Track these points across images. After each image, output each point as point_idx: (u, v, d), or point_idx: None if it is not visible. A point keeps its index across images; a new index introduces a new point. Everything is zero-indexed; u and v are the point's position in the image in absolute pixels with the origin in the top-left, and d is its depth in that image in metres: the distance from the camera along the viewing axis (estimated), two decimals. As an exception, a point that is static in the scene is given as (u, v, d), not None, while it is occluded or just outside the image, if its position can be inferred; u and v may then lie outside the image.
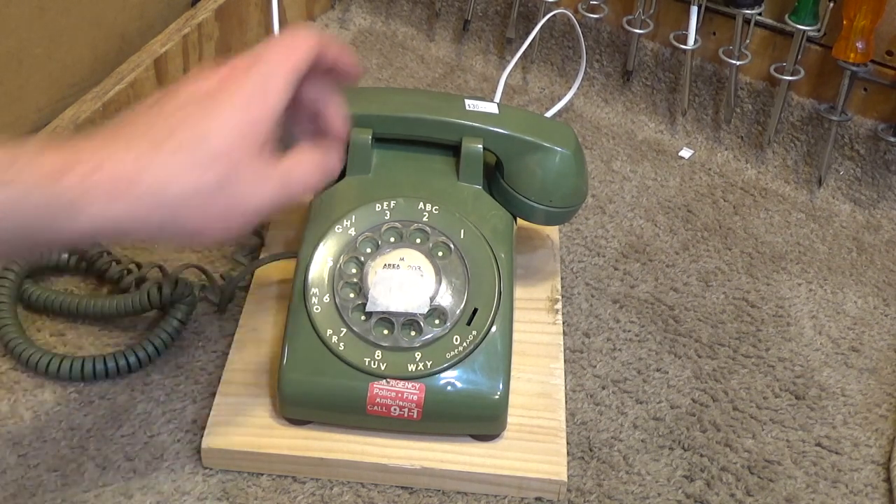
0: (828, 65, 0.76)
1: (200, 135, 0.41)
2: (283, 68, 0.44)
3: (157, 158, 0.40)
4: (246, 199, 0.42)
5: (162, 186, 0.40)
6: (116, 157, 0.40)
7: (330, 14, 0.97)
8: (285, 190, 0.44)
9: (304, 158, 0.46)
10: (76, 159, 0.39)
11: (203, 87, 0.43)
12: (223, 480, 0.53)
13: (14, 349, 0.58)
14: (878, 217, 0.76)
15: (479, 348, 0.53)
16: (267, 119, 0.43)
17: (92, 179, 0.39)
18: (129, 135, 0.41)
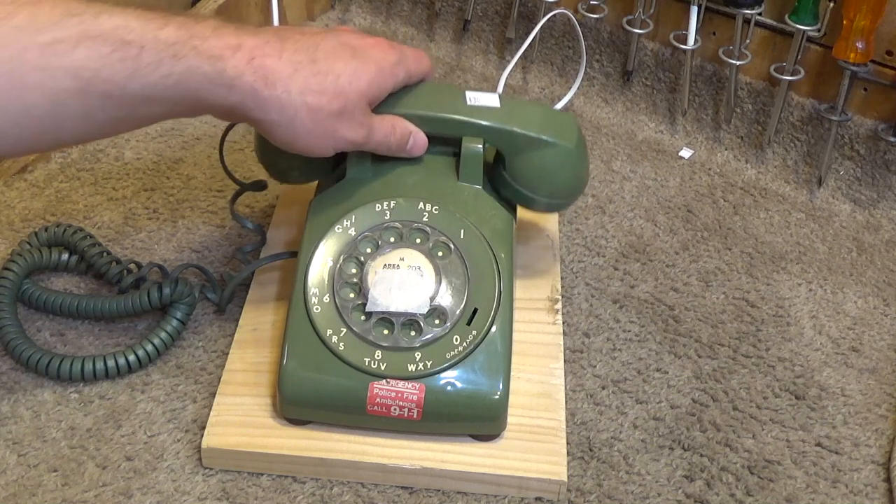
0: (828, 65, 0.76)
1: (341, 72, 0.51)
2: (410, 66, 0.56)
3: (306, 71, 0.50)
4: (342, 132, 0.52)
5: (300, 93, 0.49)
6: (275, 56, 0.49)
7: (330, 14, 0.98)
8: (368, 140, 0.54)
9: (386, 122, 0.55)
10: (240, 45, 0.48)
11: (356, 41, 0.53)
12: (223, 480, 0.53)
13: (14, 349, 0.58)
14: (878, 217, 0.76)
15: (479, 348, 0.53)
16: (386, 88, 0.54)
17: (251, 65, 0.48)
18: (289, 45, 0.50)
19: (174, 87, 0.47)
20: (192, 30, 0.48)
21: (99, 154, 0.76)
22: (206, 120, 0.81)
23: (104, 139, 0.77)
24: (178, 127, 0.80)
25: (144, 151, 0.77)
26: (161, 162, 0.76)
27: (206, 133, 0.80)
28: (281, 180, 0.62)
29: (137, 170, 0.75)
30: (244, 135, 0.80)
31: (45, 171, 0.74)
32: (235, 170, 0.74)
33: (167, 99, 0.48)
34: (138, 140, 0.78)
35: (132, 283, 0.61)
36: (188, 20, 0.48)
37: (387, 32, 0.95)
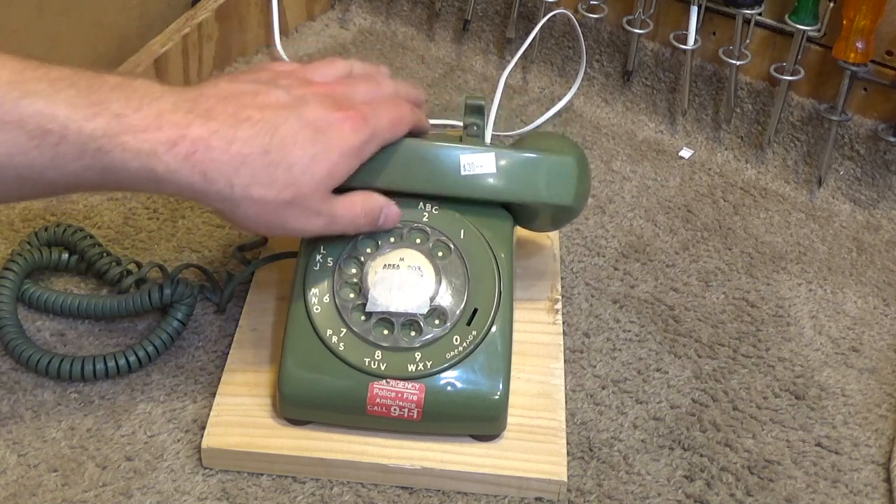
0: (828, 65, 0.76)
1: (296, 161, 0.47)
2: (385, 137, 0.52)
3: (255, 163, 0.46)
4: (294, 222, 0.49)
5: (244, 186, 0.46)
6: (221, 148, 0.45)
7: (330, 14, 0.98)
8: (329, 227, 0.51)
9: (352, 204, 0.52)
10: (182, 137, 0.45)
11: (325, 115, 0.49)
12: (223, 480, 0.53)
13: (14, 349, 0.58)
14: (878, 217, 0.76)
15: (479, 348, 0.53)
16: (348, 173, 0.50)
17: (190, 160, 0.45)
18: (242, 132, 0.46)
19: (97, 178, 0.45)
20: (127, 121, 0.44)
21: (99, 154, 0.76)
22: (206, 120, 0.81)
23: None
24: (178, 127, 0.80)
25: (144, 151, 0.77)
26: (161, 162, 0.76)
27: (206, 133, 0.80)
28: None
29: (137, 170, 0.75)
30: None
31: (45, 171, 0.73)
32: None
33: (91, 185, 0.46)
34: (138, 140, 0.78)
35: (132, 283, 0.61)
36: (130, 104, 0.45)
37: (387, 32, 0.95)
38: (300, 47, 0.92)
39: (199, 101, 0.47)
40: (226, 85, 0.49)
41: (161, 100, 0.45)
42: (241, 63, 0.89)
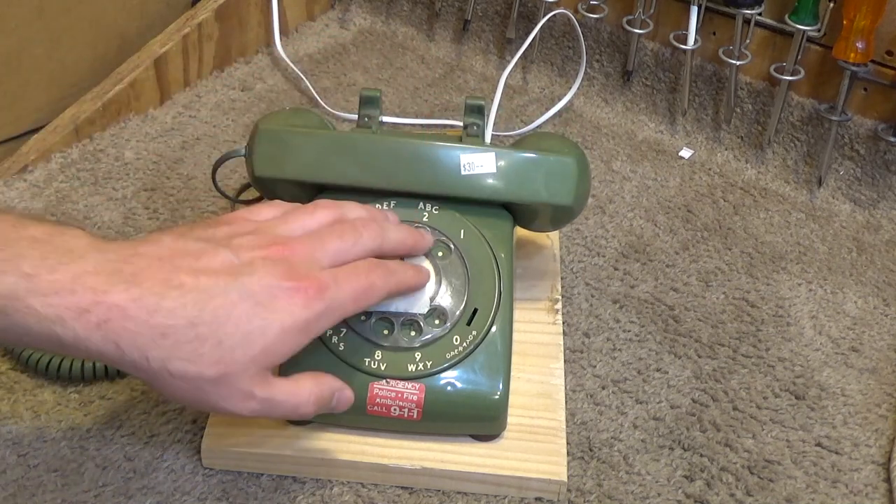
0: (828, 65, 0.76)
1: (226, 337, 0.42)
2: (346, 309, 0.46)
3: (177, 336, 0.41)
4: (221, 402, 0.44)
5: (162, 360, 0.42)
6: (140, 318, 0.41)
7: (330, 14, 0.98)
8: (264, 412, 0.45)
9: (300, 389, 0.46)
10: (96, 303, 0.40)
11: (263, 288, 0.44)
12: (223, 480, 0.53)
13: (14, 349, 0.58)
14: (878, 217, 0.76)
15: (479, 348, 0.53)
16: (292, 350, 0.45)
17: (102, 329, 0.40)
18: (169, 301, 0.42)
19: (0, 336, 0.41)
20: (36, 282, 0.40)
21: (99, 154, 0.76)
22: (207, 120, 0.81)
23: (104, 140, 0.77)
24: (177, 127, 0.80)
25: (144, 151, 0.77)
26: (161, 162, 0.76)
27: (206, 133, 0.80)
28: None
29: (137, 170, 0.75)
30: (244, 135, 0.80)
31: (45, 171, 0.74)
32: (236, 170, 0.74)
33: None
34: (138, 140, 0.78)
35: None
36: (46, 262, 0.41)
37: (387, 32, 0.95)
38: (300, 47, 0.92)
39: (130, 261, 0.42)
40: (170, 241, 0.44)
41: (84, 259, 0.41)
42: (241, 63, 0.89)
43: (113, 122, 0.79)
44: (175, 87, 0.84)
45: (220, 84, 0.86)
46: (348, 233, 0.48)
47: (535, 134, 0.81)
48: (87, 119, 0.77)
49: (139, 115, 0.81)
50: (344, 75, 0.89)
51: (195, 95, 0.84)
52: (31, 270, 0.40)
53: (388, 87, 0.88)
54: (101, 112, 0.78)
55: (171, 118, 0.81)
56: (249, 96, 0.85)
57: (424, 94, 0.87)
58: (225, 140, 0.80)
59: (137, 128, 0.80)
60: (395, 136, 0.59)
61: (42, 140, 0.75)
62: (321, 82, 0.88)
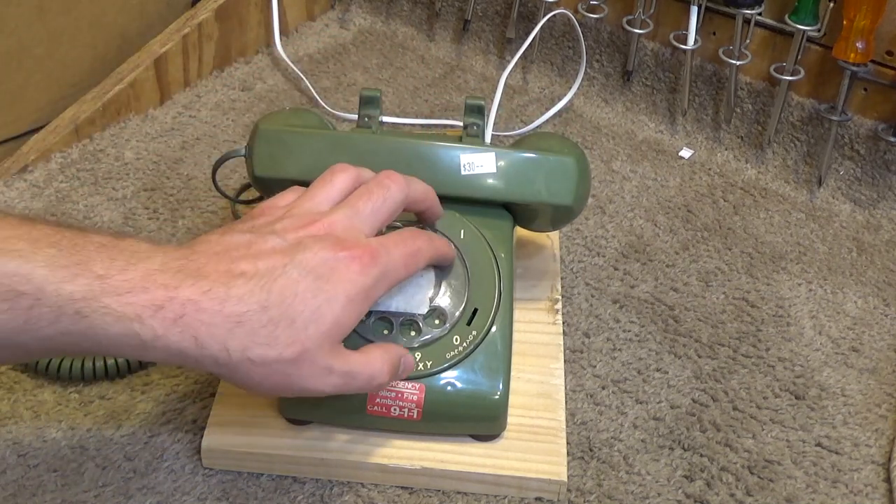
0: (828, 65, 0.76)
1: (297, 315, 0.43)
2: (399, 274, 0.48)
3: (252, 323, 0.42)
4: (304, 382, 0.44)
5: (241, 349, 0.42)
6: (213, 310, 0.41)
7: (330, 14, 0.98)
8: (344, 386, 0.46)
9: (372, 359, 0.47)
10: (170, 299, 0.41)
11: (320, 262, 0.44)
12: (223, 480, 0.53)
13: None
14: (878, 217, 0.76)
15: (479, 348, 0.53)
16: (357, 319, 0.46)
17: (179, 324, 0.41)
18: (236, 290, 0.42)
19: (76, 343, 0.41)
20: (110, 282, 0.40)
21: (99, 154, 0.76)
22: (207, 120, 0.81)
23: (104, 140, 0.78)
24: (177, 127, 0.80)
25: (144, 151, 0.77)
26: (161, 162, 0.76)
27: (206, 133, 0.80)
28: None
29: (137, 170, 0.75)
30: (244, 135, 0.80)
31: (45, 171, 0.74)
32: (236, 170, 0.74)
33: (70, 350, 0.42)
34: (138, 140, 0.78)
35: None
36: (115, 264, 0.41)
37: (387, 32, 0.95)
38: (300, 47, 0.92)
39: (191, 258, 0.43)
40: (217, 238, 0.45)
41: (149, 259, 0.42)
42: (241, 63, 0.89)
43: (113, 122, 0.79)
44: (175, 87, 0.84)
45: (220, 84, 0.86)
46: (375, 191, 0.49)
47: (535, 134, 0.81)
48: (87, 119, 0.77)
49: (139, 115, 0.81)
50: (344, 75, 0.89)
51: (195, 95, 0.84)
52: (102, 272, 0.40)
53: (388, 87, 0.88)
54: (101, 112, 0.78)
55: (171, 118, 0.81)
56: (249, 96, 0.85)
57: (424, 94, 0.87)
58: (225, 140, 0.80)
59: (137, 128, 0.80)
60: (395, 136, 0.59)
61: (42, 140, 0.75)
62: (321, 82, 0.88)
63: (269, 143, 0.56)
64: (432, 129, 0.83)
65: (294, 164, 0.56)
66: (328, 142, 0.56)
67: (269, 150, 0.56)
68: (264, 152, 0.56)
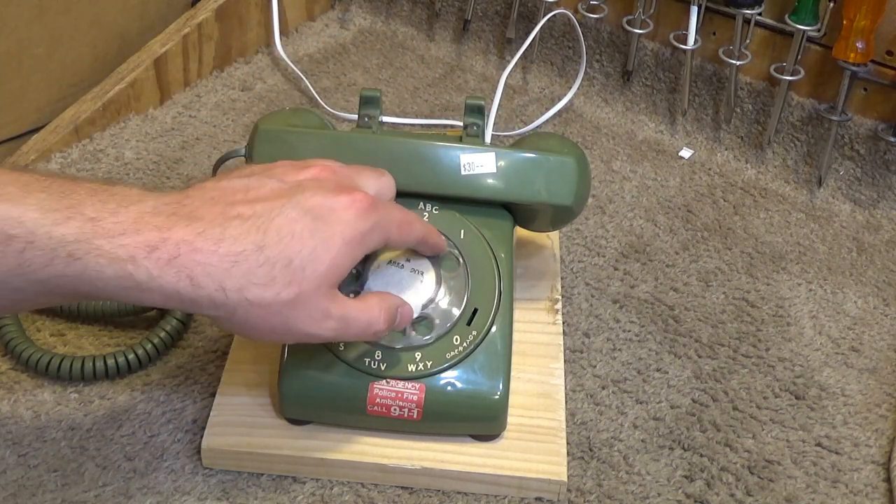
0: (828, 65, 0.76)
1: (294, 255, 0.43)
2: (391, 232, 0.47)
3: (249, 262, 0.42)
4: (302, 325, 0.44)
5: (238, 289, 0.42)
6: (208, 249, 0.41)
7: (330, 14, 0.98)
8: (341, 332, 0.46)
9: (370, 306, 0.47)
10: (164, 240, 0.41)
11: (325, 201, 0.44)
12: (223, 480, 0.53)
13: (14, 349, 0.58)
14: (878, 217, 0.76)
15: (479, 348, 0.53)
16: (352, 264, 0.45)
17: (173, 264, 0.41)
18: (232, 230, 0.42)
19: (70, 286, 0.40)
20: (102, 224, 0.40)
21: (99, 154, 0.76)
22: (207, 120, 0.81)
23: (104, 140, 0.78)
24: (177, 127, 0.80)
25: (144, 151, 0.77)
26: (161, 162, 0.76)
27: (206, 133, 0.80)
28: None
29: (137, 170, 0.75)
30: (244, 135, 0.80)
31: (45, 171, 0.74)
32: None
33: (65, 295, 0.42)
34: (138, 140, 0.78)
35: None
36: (106, 207, 0.41)
37: (387, 32, 0.95)
38: (300, 47, 0.92)
39: (184, 202, 0.43)
40: (213, 185, 0.45)
41: (141, 203, 0.42)
42: (241, 63, 0.89)
43: (113, 122, 0.79)
44: (175, 87, 0.84)
45: (220, 84, 0.86)
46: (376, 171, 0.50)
47: (535, 134, 0.81)
48: (87, 119, 0.77)
49: (139, 115, 0.81)
50: (344, 75, 0.89)
51: (195, 95, 0.84)
52: (94, 214, 0.40)
53: (388, 87, 0.88)
54: (101, 112, 0.78)
55: (171, 118, 0.81)
56: (249, 96, 0.85)
57: (424, 94, 0.87)
58: (225, 140, 0.80)
59: (137, 128, 0.80)
60: (395, 135, 0.59)
61: (42, 140, 0.75)
62: (321, 82, 0.88)
63: (269, 143, 0.56)
64: (432, 129, 0.83)
65: None
66: (328, 142, 0.56)
67: (269, 150, 0.56)
68: (264, 152, 0.56)
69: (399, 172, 0.54)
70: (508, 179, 0.56)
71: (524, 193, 0.56)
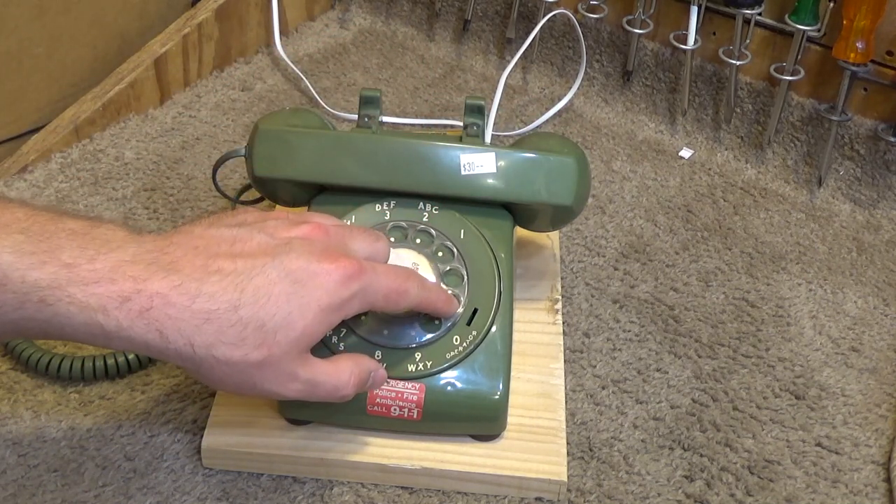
0: (828, 65, 0.76)
1: (268, 319, 0.42)
2: (377, 301, 0.47)
3: (220, 321, 0.42)
4: (268, 385, 0.44)
5: (206, 346, 0.42)
6: (182, 304, 0.41)
7: (330, 14, 0.98)
8: (307, 394, 0.46)
9: (340, 369, 0.47)
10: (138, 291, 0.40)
11: (302, 266, 0.44)
12: (223, 480, 0.53)
13: (14, 349, 0.58)
14: (878, 217, 0.76)
15: (479, 348, 0.53)
16: (325, 330, 0.45)
17: (144, 317, 0.40)
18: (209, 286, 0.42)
19: (40, 329, 0.41)
20: (77, 272, 0.40)
21: (99, 154, 0.76)
22: (207, 120, 0.81)
23: (104, 140, 0.77)
24: (177, 127, 0.80)
25: (144, 151, 0.77)
26: (161, 162, 0.76)
27: (206, 133, 0.80)
28: None
29: (137, 170, 0.75)
30: (244, 135, 0.80)
31: (45, 171, 0.74)
32: (236, 170, 0.74)
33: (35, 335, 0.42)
34: (138, 140, 0.78)
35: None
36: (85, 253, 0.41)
37: (387, 32, 0.95)
38: (300, 47, 0.92)
39: (166, 251, 0.43)
40: (201, 231, 0.45)
41: (121, 249, 0.42)
42: (241, 63, 0.89)
43: (113, 122, 0.79)
44: (175, 87, 0.84)
45: (220, 84, 0.86)
46: (371, 235, 0.49)
47: (535, 134, 0.81)
48: (87, 119, 0.77)
49: (139, 115, 0.81)
50: (344, 75, 0.89)
51: (195, 95, 0.84)
52: (70, 260, 0.40)
53: (388, 87, 0.88)
54: (101, 112, 0.78)
55: (171, 118, 0.81)
56: (249, 96, 0.85)
57: (424, 94, 0.87)
58: (225, 140, 0.80)
59: (137, 128, 0.80)
60: (394, 136, 0.59)
61: (42, 140, 0.75)
62: (321, 82, 0.88)
63: (269, 143, 0.56)
64: (432, 129, 0.83)
65: (294, 164, 0.56)
66: (328, 142, 0.56)
67: (269, 150, 0.56)
68: (264, 152, 0.56)
69: (399, 172, 0.54)
70: (508, 179, 0.56)
71: (524, 193, 0.56)
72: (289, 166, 0.56)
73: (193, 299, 0.41)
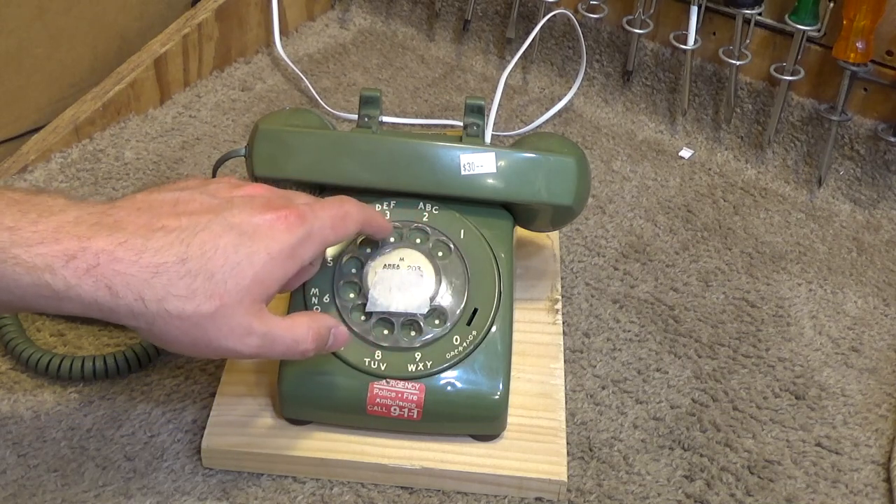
0: (828, 65, 0.76)
1: (217, 269, 0.42)
2: (326, 236, 0.47)
3: (170, 273, 0.42)
4: (223, 341, 0.44)
5: (158, 300, 0.41)
6: (129, 260, 0.41)
7: (330, 14, 0.98)
8: (265, 349, 0.45)
9: (296, 325, 0.47)
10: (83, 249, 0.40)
11: (252, 218, 0.44)
12: (223, 480, 0.53)
13: (14, 349, 0.58)
14: (878, 217, 0.76)
15: (479, 348, 0.53)
16: (282, 280, 0.45)
17: (92, 274, 0.40)
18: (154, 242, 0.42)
19: None
20: (20, 234, 0.40)
21: (99, 154, 0.76)
22: (207, 120, 0.81)
23: (104, 140, 0.78)
24: (177, 127, 0.80)
25: (144, 151, 0.77)
26: (161, 162, 0.76)
27: (206, 133, 0.80)
28: None
29: (137, 170, 0.75)
30: (244, 135, 0.80)
31: (45, 171, 0.74)
32: (236, 170, 0.74)
33: None
34: (138, 140, 0.78)
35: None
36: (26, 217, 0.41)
37: (387, 32, 0.95)
38: (300, 47, 0.92)
39: (109, 212, 0.43)
40: (143, 196, 0.45)
41: (63, 213, 0.42)
42: (241, 63, 0.89)
43: (113, 122, 0.79)
44: (175, 87, 0.84)
45: (220, 84, 0.86)
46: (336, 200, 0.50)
47: (535, 134, 0.81)
48: (87, 119, 0.77)
49: (139, 115, 0.81)
50: (344, 75, 0.89)
51: (195, 95, 0.84)
52: (12, 224, 0.40)
53: (388, 87, 0.88)
54: (101, 112, 0.78)
55: (171, 118, 0.81)
56: (249, 96, 0.85)
57: (424, 94, 0.87)
58: (225, 140, 0.80)
59: (137, 128, 0.80)
60: (395, 136, 0.59)
61: (42, 140, 0.75)
62: (321, 82, 0.88)
63: (269, 143, 0.56)
64: (432, 129, 0.83)
65: (294, 164, 0.56)
66: (328, 142, 0.56)
67: (269, 150, 0.56)
68: (264, 152, 0.56)
69: (399, 172, 0.54)
70: (508, 179, 0.56)
71: (524, 193, 0.56)
72: (289, 166, 0.56)
73: (140, 254, 0.41)
